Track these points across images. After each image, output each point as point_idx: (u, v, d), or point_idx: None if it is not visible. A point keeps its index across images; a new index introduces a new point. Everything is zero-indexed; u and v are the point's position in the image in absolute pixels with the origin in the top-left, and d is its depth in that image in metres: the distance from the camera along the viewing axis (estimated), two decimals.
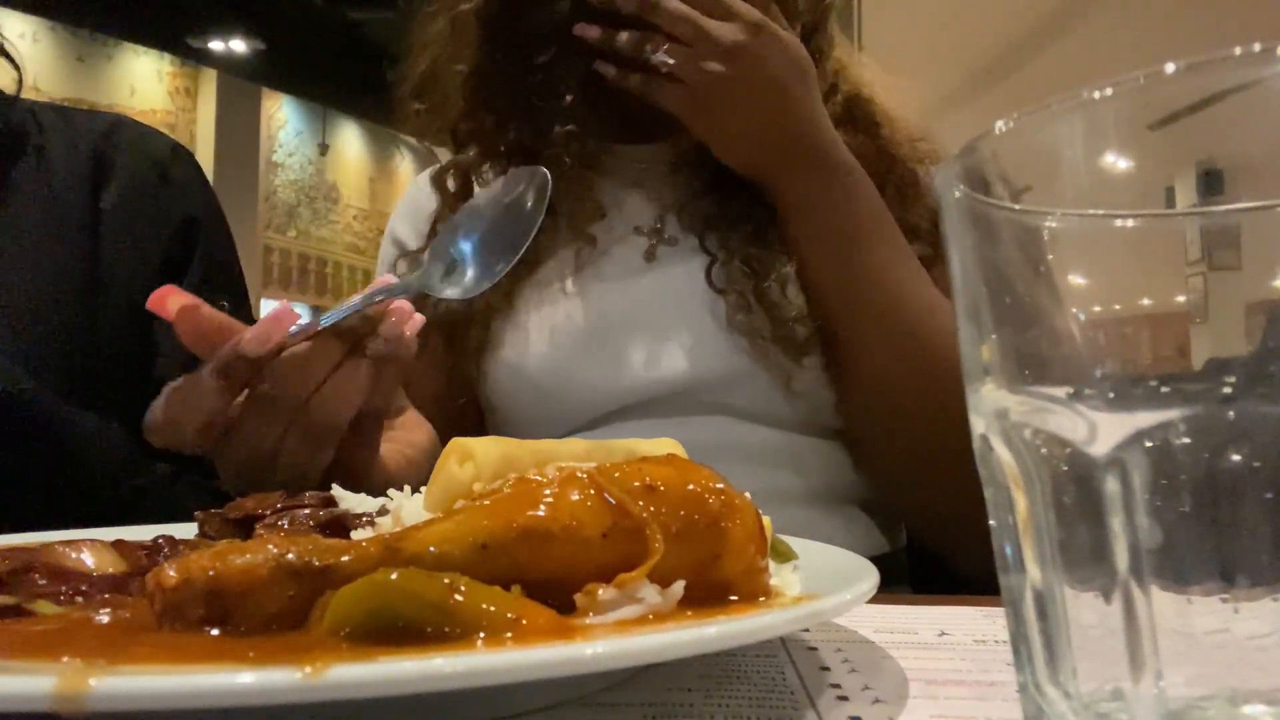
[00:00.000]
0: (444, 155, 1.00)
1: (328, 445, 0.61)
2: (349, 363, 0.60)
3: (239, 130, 8.18)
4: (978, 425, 0.27)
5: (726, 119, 0.81)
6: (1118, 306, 0.24)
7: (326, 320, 0.59)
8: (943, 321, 0.78)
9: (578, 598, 0.31)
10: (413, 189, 1.03)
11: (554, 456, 0.37)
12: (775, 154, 0.82)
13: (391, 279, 0.62)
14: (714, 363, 0.83)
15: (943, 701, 0.34)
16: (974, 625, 0.46)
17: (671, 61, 0.81)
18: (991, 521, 0.27)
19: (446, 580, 0.29)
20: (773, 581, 0.36)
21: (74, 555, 0.39)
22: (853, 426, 0.86)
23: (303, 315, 0.60)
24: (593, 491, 0.33)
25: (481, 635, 0.28)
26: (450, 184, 0.93)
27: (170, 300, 0.58)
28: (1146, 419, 0.22)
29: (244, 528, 0.46)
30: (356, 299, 0.60)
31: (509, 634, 0.28)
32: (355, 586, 0.29)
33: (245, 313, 0.92)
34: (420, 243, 0.95)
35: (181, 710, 0.23)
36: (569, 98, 0.89)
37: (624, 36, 0.84)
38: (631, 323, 0.86)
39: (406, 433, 0.84)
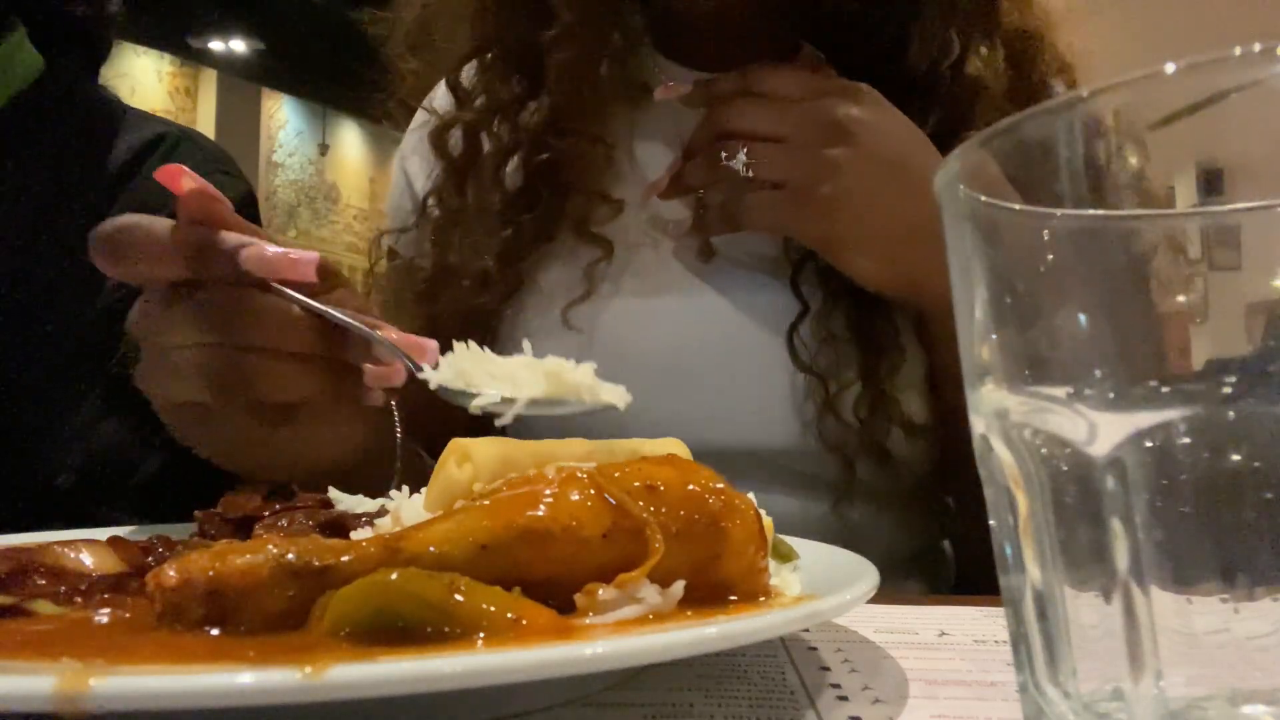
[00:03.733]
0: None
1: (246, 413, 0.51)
2: (314, 368, 0.52)
3: (239, 130, 8.18)
4: (978, 425, 0.27)
5: (845, 220, 0.63)
6: (1118, 306, 0.24)
7: (341, 316, 0.51)
8: None
9: (578, 598, 0.31)
10: (423, 115, 0.84)
11: (554, 457, 0.37)
12: (913, 253, 0.63)
13: (432, 345, 0.54)
14: (780, 443, 0.68)
15: (943, 701, 0.34)
16: (974, 625, 0.46)
17: (751, 163, 0.65)
18: (991, 521, 0.27)
19: (446, 580, 0.29)
20: (773, 581, 0.36)
21: (73, 555, 0.39)
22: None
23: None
24: (593, 491, 0.32)
25: (481, 635, 0.28)
26: (454, 145, 0.77)
27: (185, 179, 0.51)
28: (1146, 419, 0.22)
29: (243, 528, 0.46)
30: (387, 335, 0.53)
31: (509, 634, 0.28)
32: (355, 587, 0.29)
33: None
34: (428, 185, 0.79)
35: (181, 710, 0.23)
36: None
37: (691, 166, 0.69)
38: (684, 363, 0.70)
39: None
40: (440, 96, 0.80)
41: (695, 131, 0.70)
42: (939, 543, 0.82)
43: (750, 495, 0.36)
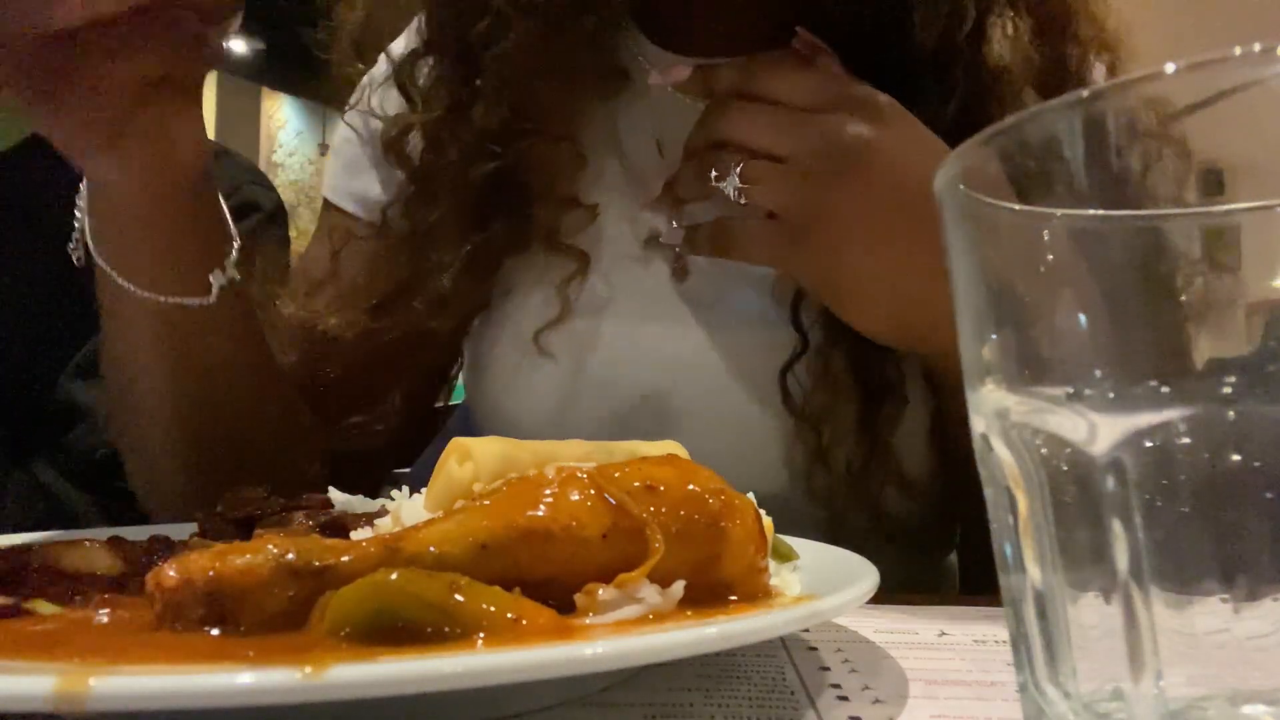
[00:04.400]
0: None
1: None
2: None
3: (239, 130, 8.18)
4: (978, 425, 0.27)
5: (846, 263, 0.54)
6: (1118, 306, 0.24)
7: None
8: None
9: (578, 598, 0.31)
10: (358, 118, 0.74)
11: (554, 456, 0.37)
12: (925, 304, 0.53)
13: None
14: (765, 489, 0.56)
15: (943, 701, 0.34)
16: (974, 625, 0.46)
17: (744, 187, 0.55)
18: (991, 521, 0.27)
19: (447, 580, 0.29)
20: (773, 581, 0.36)
21: (73, 555, 0.39)
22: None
23: None
24: (593, 492, 0.32)
25: (481, 635, 0.28)
26: (411, 150, 0.68)
27: None
28: (1146, 419, 0.22)
29: (244, 528, 0.46)
30: None
31: (509, 634, 0.28)
32: (355, 587, 0.29)
33: None
34: (378, 190, 0.71)
35: (181, 710, 0.23)
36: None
37: (682, 174, 0.60)
38: (668, 396, 0.62)
39: None
40: (393, 100, 0.71)
41: (692, 132, 0.62)
42: (938, 565, 0.78)
43: (750, 495, 0.36)
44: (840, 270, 0.55)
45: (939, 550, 0.75)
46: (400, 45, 0.73)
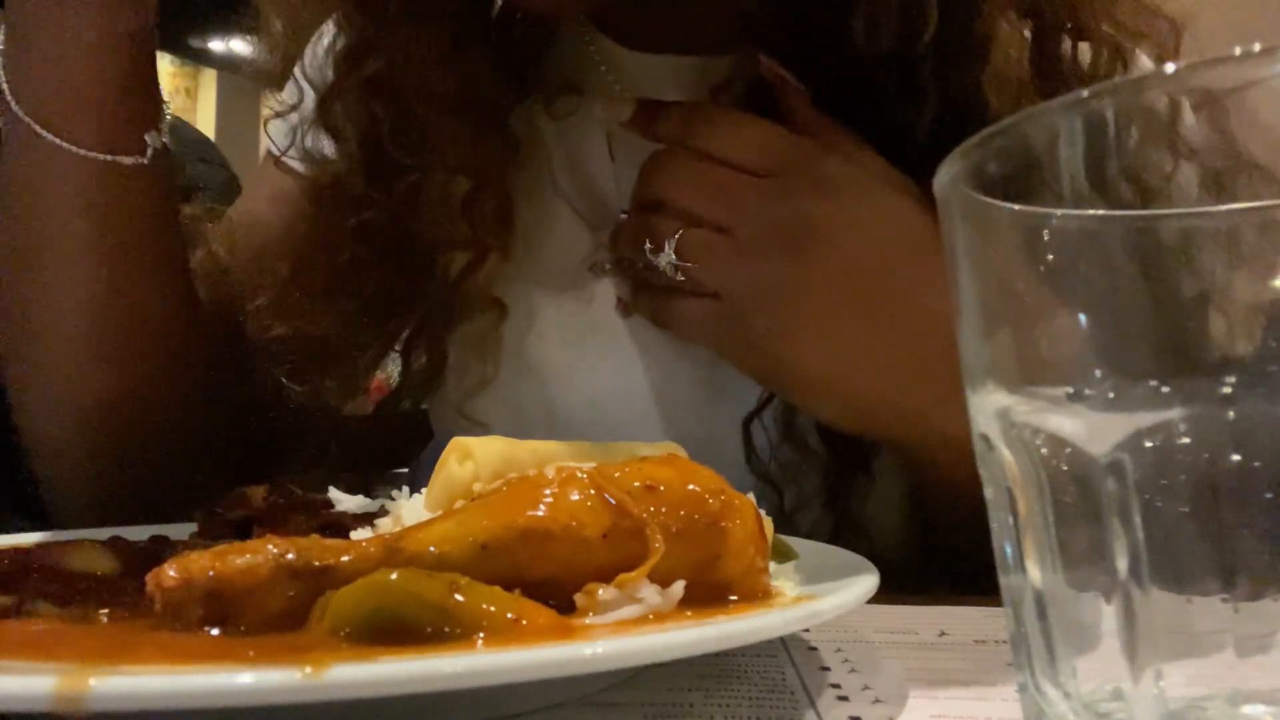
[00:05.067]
0: None
1: None
2: None
3: (239, 130, 8.17)
4: (979, 425, 0.27)
5: (793, 356, 0.48)
6: (1119, 306, 0.24)
7: None
8: None
9: (578, 598, 0.31)
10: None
11: (554, 456, 0.37)
12: (891, 394, 0.47)
13: None
14: None
15: (943, 701, 0.34)
16: (974, 625, 0.45)
17: (681, 265, 0.48)
18: (991, 521, 0.27)
19: (447, 580, 0.29)
20: (773, 582, 0.36)
21: (73, 555, 0.39)
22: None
23: None
24: (593, 491, 0.32)
25: (481, 635, 0.28)
26: (324, 200, 0.62)
27: None
28: (1146, 419, 0.22)
29: (243, 528, 0.46)
30: None
31: (509, 634, 0.28)
32: (355, 586, 0.29)
33: None
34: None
35: (181, 710, 0.23)
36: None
37: (624, 228, 0.54)
38: (617, 430, 0.54)
39: None
40: (327, 142, 0.63)
41: (637, 180, 0.54)
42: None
43: (750, 496, 0.36)
44: (785, 362, 0.49)
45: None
46: (312, 60, 0.68)
